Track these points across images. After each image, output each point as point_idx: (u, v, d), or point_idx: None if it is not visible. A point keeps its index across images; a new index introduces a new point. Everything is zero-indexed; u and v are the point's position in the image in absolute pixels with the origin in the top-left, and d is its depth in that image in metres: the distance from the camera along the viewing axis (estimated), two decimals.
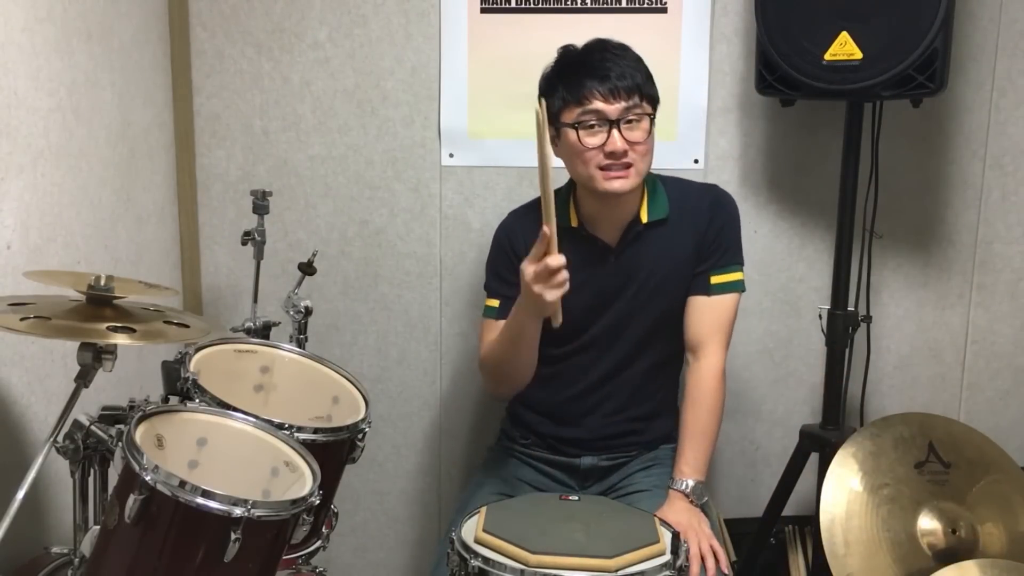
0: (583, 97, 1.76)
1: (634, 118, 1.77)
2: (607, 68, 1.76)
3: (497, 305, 1.94)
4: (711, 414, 1.88)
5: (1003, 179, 2.28)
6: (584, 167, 1.81)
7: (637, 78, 1.78)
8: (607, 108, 1.75)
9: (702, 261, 1.90)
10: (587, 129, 1.77)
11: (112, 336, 1.32)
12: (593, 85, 1.75)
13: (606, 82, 1.75)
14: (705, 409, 1.88)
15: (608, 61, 1.78)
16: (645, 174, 1.84)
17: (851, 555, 1.90)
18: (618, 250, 1.90)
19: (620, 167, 1.78)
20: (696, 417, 1.87)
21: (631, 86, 1.76)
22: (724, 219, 1.92)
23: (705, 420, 1.87)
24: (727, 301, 1.91)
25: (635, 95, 1.76)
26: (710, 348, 1.90)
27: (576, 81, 1.77)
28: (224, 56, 2.31)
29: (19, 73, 1.63)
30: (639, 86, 1.77)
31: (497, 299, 1.95)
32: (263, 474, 1.49)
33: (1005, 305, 2.33)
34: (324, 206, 2.37)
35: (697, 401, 1.89)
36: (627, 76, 1.76)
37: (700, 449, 1.85)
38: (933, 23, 1.85)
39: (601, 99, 1.75)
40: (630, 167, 1.78)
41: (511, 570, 1.44)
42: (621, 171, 1.78)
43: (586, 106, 1.76)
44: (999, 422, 2.35)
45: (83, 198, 1.86)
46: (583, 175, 1.83)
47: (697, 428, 1.87)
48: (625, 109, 1.76)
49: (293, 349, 1.87)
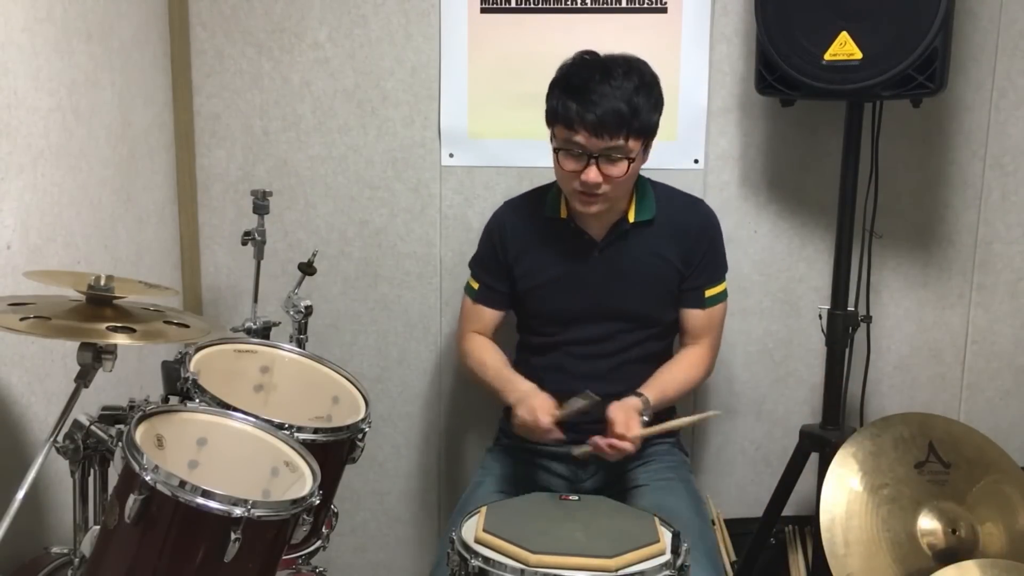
0: (569, 126, 1.79)
1: (618, 156, 1.79)
2: (599, 102, 1.76)
3: (477, 288, 2.06)
4: (686, 373, 1.98)
5: (1003, 179, 2.28)
6: (563, 183, 1.90)
7: (626, 116, 1.76)
8: (589, 143, 1.78)
9: (695, 276, 1.99)
10: (567, 154, 1.82)
11: (112, 336, 1.33)
12: (581, 117, 1.77)
13: (592, 118, 1.76)
14: (684, 366, 1.99)
15: (602, 94, 1.76)
16: (623, 196, 1.91)
17: (851, 555, 1.90)
18: (603, 245, 1.96)
19: (593, 196, 1.84)
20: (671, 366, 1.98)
21: (618, 125, 1.76)
22: (713, 236, 2.02)
23: (679, 372, 1.97)
24: (719, 309, 2.03)
25: (620, 136, 1.77)
26: (703, 341, 2.02)
27: (568, 107, 1.78)
28: (224, 56, 2.31)
29: (19, 73, 1.63)
30: (627, 124, 1.77)
31: (478, 283, 2.07)
32: (263, 474, 1.49)
33: (1005, 305, 2.33)
34: (324, 206, 2.37)
35: (678, 360, 2.01)
36: (615, 114, 1.76)
37: (663, 384, 1.92)
38: (933, 23, 1.85)
39: (585, 134, 1.77)
40: (603, 195, 1.84)
41: (511, 570, 1.44)
42: (594, 198, 1.84)
43: (570, 136, 1.80)
44: (999, 422, 2.35)
45: (83, 198, 1.86)
46: (564, 190, 1.92)
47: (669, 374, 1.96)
48: (607, 148, 1.78)
49: (293, 349, 1.87)
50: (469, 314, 2.07)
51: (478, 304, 2.05)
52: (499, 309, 2.06)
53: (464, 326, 2.09)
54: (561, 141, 1.82)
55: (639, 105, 1.78)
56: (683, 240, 1.97)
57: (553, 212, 1.98)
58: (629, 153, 1.80)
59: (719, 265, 2.03)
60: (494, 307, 2.05)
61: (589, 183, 1.80)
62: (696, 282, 1.99)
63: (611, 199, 1.87)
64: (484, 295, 2.05)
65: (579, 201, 1.87)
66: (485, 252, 2.06)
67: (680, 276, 1.99)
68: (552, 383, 1.98)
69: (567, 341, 2.00)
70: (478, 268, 2.07)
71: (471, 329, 2.07)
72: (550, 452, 2.00)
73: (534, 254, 2.00)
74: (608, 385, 1.97)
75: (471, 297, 2.07)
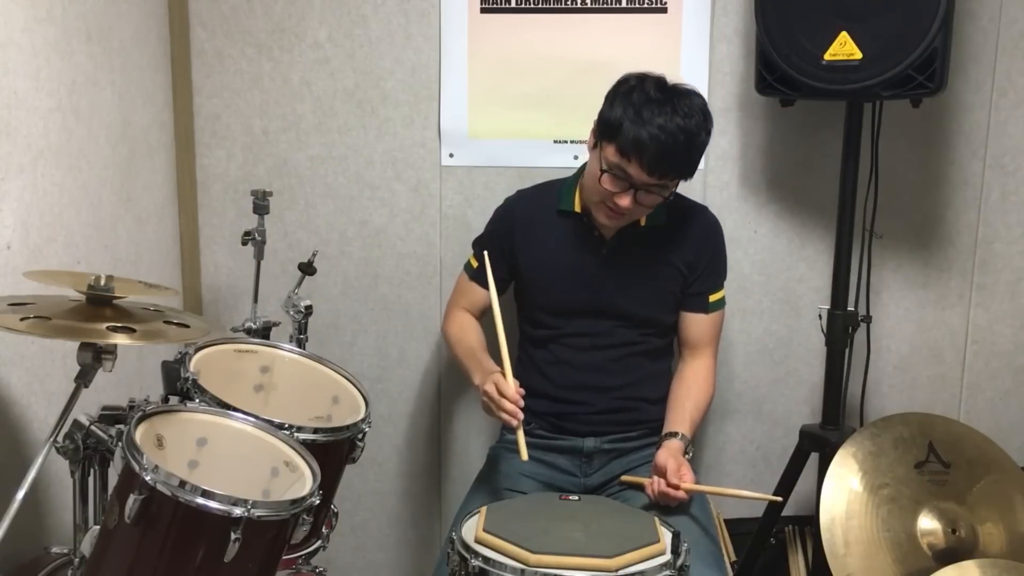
0: (624, 156, 1.78)
1: (655, 192, 1.83)
2: (662, 141, 1.75)
3: (476, 267, 2.09)
4: (702, 396, 2.01)
5: (1003, 179, 2.28)
6: (592, 192, 1.90)
7: (682, 160, 1.80)
8: (638, 177, 1.79)
9: (700, 282, 2.01)
10: (611, 177, 1.82)
11: (112, 336, 1.32)
12: (640, 153, 1.76)
13: (652, 157, 1.76)
14: (698, 390, 2.01)
15: (668, 132, 1.75)
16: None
17: (851, 555, 1.90)
18: (612, 243, 1.98)
19: (618, 214, 1.86)
20: (689, 394, 1.99)
21: (669, 169, 1.79)
22: (718, 244, 2.06)
23: (697, 398, 1.99)
24: (720, 315, 2.07)
25: (668, 175, 1.81)
26: (706, 351, 2.05)
27: (631, 138, 1.76)
28: (224, 56, 2.31)
29: (19, 73, 1.63)
30: (679, 168, 1.81)
31: (477, 262, 2.08)
32: (263, 474, 1.49)
33: (1005, 305, 2.33)
34: (324, 206, 2.37)
35: (691, 383, 2.01)
36: (674, 162, 1.79)
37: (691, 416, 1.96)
38: (933, 23, 1.85)
39: (637, 169, 1.78)
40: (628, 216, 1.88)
41: (511, 570, 1.44)
42: (618, 216, 1.88)
43: (622, 163, 1.79)
44: (999, 422, 2.35)
45: (83, 198, 1.86)
46: (588, 194, 1.93)
47: (690, 403, 1.98)
48: (653, 185, 1.81)
49: (293, 349, 1.87)
50: (463, 289, 2.12)
51: (473, 282, 2.09)
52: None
53: (455, 298, 2.15)
54: (609, 164, 1.81)
55: (697, 148, 1.81)
56: (690, 246, 2.00)
57: (567, 205, 2.00)
58: (668, 191, 1.85)
59: (721, 272, 2.07)
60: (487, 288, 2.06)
61: (620, 208, 1.83)
62: (701, 287, 2.02)
63: (634, 218, 1.93)
64: (481, 274, 2.05)
65: (603, 213, 1.90)
66: (491, 234, 2.09)
67: (684, 281, 2.00)
68: (554, 376, 2.02)
69: (568, 334, 2.02)
70: (480, 248, 2.08)
71: (461, 304, 2.12)
72: (556, 446, 2.01)
73: (542, 244, 2.01)
74: (609, 377, 2.01)
75: (468, 274, 2.11)
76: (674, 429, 1.91)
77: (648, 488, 1.83)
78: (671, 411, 1.98)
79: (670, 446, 1.87)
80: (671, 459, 1.82)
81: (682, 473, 1.80)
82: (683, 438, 1.89)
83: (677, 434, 1.90)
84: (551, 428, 2.02)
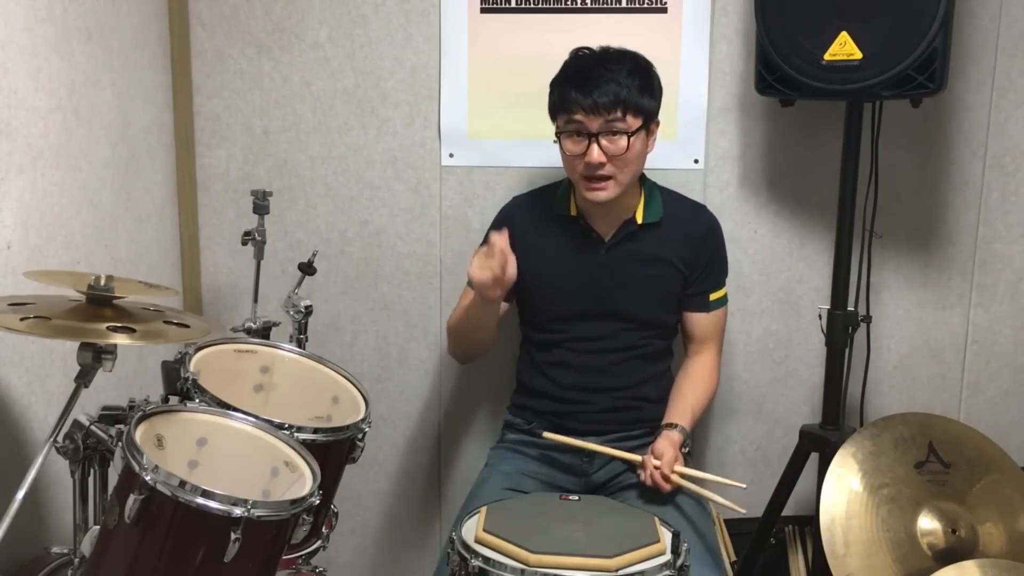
0: (567, 108, 1.85)
1: (617, 131, 1.83)
2: (593, 82, 1.82)
3: None
4: (705, 390, 2.04)
5: (1003, 179, 2.28)
6: (571, 173, 1.93)
7: (622, 93, 1.82)
8: (587, 121, 1.83)
9: (700, 281, 2.03)
10: (570, 137, 1.87)
11: (112, 336, 1.33)
12: (577, 98, 1.83)
13: (588, 96, 1.82)
14: (702, 384, 2.04)
15: (598, 75, 1.83)
16: (629, 183, 1.92)
17: (851, 555, 1.90)
18: (610, 244, 1.99)
19: (599, 179, 1.87)
20: (692, 388, 2.02)
21: (612, 102, 1.81)
22: (717, 242, 2.07)
23: (699, 392, 2.03)
24: (722, 312, 2.09)
25: (617, 110, 1.82)
26: (710, 347, 2.08)
27: (565, 91, 1.86)
28: (224, 56, 2.31)
29: (19, 73, 1.63)
30: (623, 101, 1.82)
31: None
32: (263, 474, 1.49)
33: (1005, 305, 2.33)
34: (324, 206, 2.37)
35: (695, 377, 2.04)
36: (611, 92, 1.82)
37: (692, 410, 1.98)
38: (933, 23, 1.85)
39: (582, 112, 1.83)
40: (610, 179, 1.87)
41: (511, 570, 1.44)
42: (601, 183, 1.88)
43: (569, 116, 1.85)
44: (999, 422, 2.35)
45: (83, 198, 1.86)
46: (572, 179, 1.95)
47: (692, 396, 2.01)
48: (605, 123, 1.82)
49: (293, 349, 1.87)
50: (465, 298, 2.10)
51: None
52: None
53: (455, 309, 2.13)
54: (562, 126, 1.88)
55: (632, 83, 1.83)
56: (689, 245, 2.00)
57: (562, 209, 2.02)
58: (628, 129, 1.83)
59: (722, 270, 2.08)
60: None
61: (592, 163, 1.84)
62: (701, 287, 2.03)
63: (620, 184, 1.89)
64: None
65: (587, 188, 1.90)
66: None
67: (684, 280, 2.01)
68: (556, 376, 2.03)
69: (571, 338, 2.02)
70: None
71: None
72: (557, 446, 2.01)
73: (542, 249, 2.01)
74: (612, 379, 2.01)
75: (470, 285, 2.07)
76: (674, 420, 1.93)
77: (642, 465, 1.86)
78: (673, 403, 1.99)
79: (670, 436, 1.89)
80: (669, 449, 1.85)
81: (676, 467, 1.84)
82: (682, 430, 1.91)
83: (676, 426, 1.92)
84: (552, 427, 2.02)
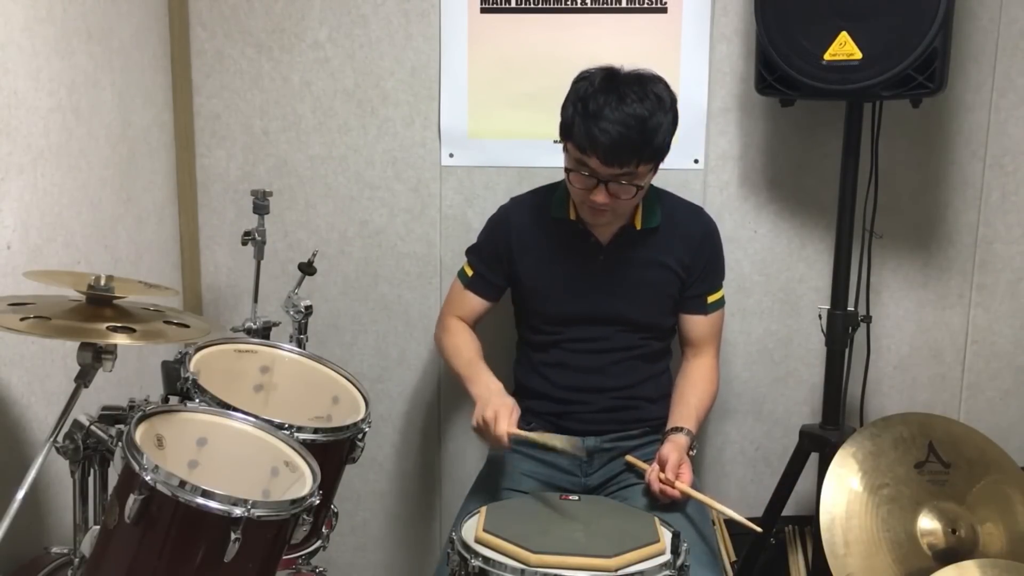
0: (582, 150, 1.80)
1: (624, 181, 1.81)
2: (610, 130, 1.75)
3: (471, 275, 2.08)
4: (707, 393, 2.02)
5: (1003, 179, 2.28)
6: (573, 193, 1.92)
7: (637, 146, 1.76)
8: (599, 170, 1.80)
9: (698, 284, 2.02)
10: (578, 173, 1.84)
11: (112, 336, 1.33)
12: (594, 147, 1.77)
13: (605, 149, 1.76)
14: (703, 387, 2.02)
15: (615, 121, 1.75)
16: (629, 212, 1.93)
17: (851, 555, 1.90)
18: (608, 249, 1.98)
19: (601, 211, 1.87)
20: (695, 391, 2.00)
21: (628, 157, 1.77)
22: (715, 244, 2.05)
23: (702, 395, 2.01)
24: (720, 315, 2.07)
25: (630, 164, 1.79)
26: (708, 350, 2.06)
27: (582, 134, 1.78)
28: (224, 56, 2.31)
29: (19, 73, 1.63)
30: (637, 153, 1.77)
31: (472, 270, 2.09)
32: (263, 474, 1.49)
33: (1005, 305, 2.33)
34: (324, 206, 2.37)
35: (694, 381, 2.02)
36: (627, 146, 1.76)
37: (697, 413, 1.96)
38: (933, 23, 1.85)
39: (596, 161, 1.79)
40: (612, 211, 1.87)
41: (511, 570, 1.44)
42: (602, 214, 1.88)
43: (582, 158, 1.81)
44: (999, 422, 2.35)
45: (83, 198, 1.86)
46: (573, 196, 1.93)
47: (695, 399, 1.99)
48: (617, 175, 1.80)
49: (293, 349, 1.87)
50: (457, 298, 2.10)
51: (468, 291, 2.08)
52: (488, 299, 2.08)
53: (448, 308, 2.13)
54: (573, 162, 1.84)
55: (651, 132, 1.77)
56: (687, 248, 2.00)
57: (560, 213, 2.00)
58: (638, 179, 1.82)
59: (720, 272, 2.07)
60: (483, 296, 2.07)
61: (596, 204, 1.84)
62: (699, 289, 2.02)
63: (621, 216, 1.92)
64: (477, 283, 2.07)
65: (587, 213, 1.91)
66: (486, 242, 2.08)
67: (682, 283, 2.01)
68: (554, 378, 2.02)
69: (568, 340, 2.02)
70: (475, 256, 2.09)
71: (455, 313, 2.10)
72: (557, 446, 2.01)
73: (539, 253, 2.01)
74: (610, 379, 2.00)
75: (463, 282, 2.09)
76: (680, 424, 1.92)
77: (648, 475, 1.84)
78: (676, 407, 1.98)
79: (676, 440, 1.88)
80: (674, 453, 1.83)
81: (681, 471, 1.81)
82: (688, 434, 1.90)
83: (683, 429, 1.90)
84: (551, 428, 2.02)
